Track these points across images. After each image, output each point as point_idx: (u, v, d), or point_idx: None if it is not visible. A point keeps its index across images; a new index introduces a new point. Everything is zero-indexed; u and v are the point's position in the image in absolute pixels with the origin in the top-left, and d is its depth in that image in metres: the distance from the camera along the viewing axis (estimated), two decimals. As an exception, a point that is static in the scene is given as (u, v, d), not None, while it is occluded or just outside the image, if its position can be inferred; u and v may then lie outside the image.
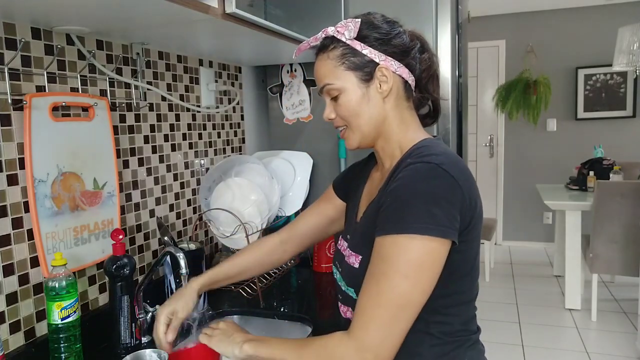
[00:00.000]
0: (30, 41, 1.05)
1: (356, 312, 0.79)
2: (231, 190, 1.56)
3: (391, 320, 0.76)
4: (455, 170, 0.79)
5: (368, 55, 0.87)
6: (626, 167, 3.89)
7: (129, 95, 1.34)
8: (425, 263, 0.76)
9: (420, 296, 0.77)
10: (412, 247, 0.76)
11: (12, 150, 1.01)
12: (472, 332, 0.90)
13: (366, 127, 0.91)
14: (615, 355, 2.94)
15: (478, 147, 5.41)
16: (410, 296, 0.76)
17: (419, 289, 0.76)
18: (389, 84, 0.88)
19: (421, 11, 1.65)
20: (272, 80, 1.98)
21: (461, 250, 0.81)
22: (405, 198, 0.78)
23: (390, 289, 0.76)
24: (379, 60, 0.88)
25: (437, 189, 0.77)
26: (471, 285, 0.88)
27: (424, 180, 0.78)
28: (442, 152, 0.84)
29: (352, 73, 0.89)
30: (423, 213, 0.76)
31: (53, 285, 0.99)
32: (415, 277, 0.76)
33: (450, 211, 0.77)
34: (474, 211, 0.82)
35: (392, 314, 0.76)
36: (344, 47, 0.88)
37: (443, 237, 0.76)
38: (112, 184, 1.24)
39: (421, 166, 0.80)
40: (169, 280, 1.37)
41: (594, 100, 4.94)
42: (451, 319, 0.86)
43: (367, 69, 0.88)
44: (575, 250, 3.56)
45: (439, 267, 0.78)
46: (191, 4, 0.94)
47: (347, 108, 0.90)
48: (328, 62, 0.90)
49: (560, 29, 4.99)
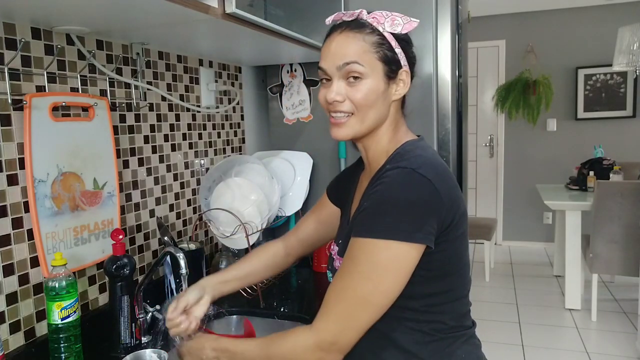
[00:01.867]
0: (30, 41, 1.05)
1: (321, 305, 0.84)
2: (231, 190, 1.56)
3: (349, 316, 0.81)
4: (431, 173, 0.80)
5: (398, 55, 0.87)
6: (626, 167, 3.88)
7: (129, 95, 1.34)
8: (389, 267, 0.79)
9: (381, 298, 0.80)
10: (377, 250, 0.78)
11: (12, 150, 1.01)
12: (467, 328, 0.91)
13: (371, 120, 0.89)
14: (615, 355, 2.94)
15: (478, 147, 5.41)
16: (370, 296, 0.80)
17: (379, 290, 0.80)
18: (405, 89, 0.90)
19: (421, 11, 1.65)
20: (272, 80, 1.98)
21: (443, 249, 0.82)
22: (379, 203, 0.80)
23: (352, 288, 0.80)
24: (403, 63, 0.88)
25: (410, 194, 0.79)
26: (460, 283, 0.89)
27: (398, 186, 0.80)
28: (420, 154, 0.85)
29: (382, 65, 0.86)
30: (393, 218, 0.78)
31: (53, 285, 0.99)
32: (377, 279, 0.79)
33: (422, 216, 0.78)
34: (456, 211, 0.83)
35: (351, 310, 0.81)
36: (380, 37, 0.86)
37: (411, 241, 0.78)
38: (112, 184, 1.24)
39: (397, 172, 0.81)
40: (169, 280, 1.37)
41: (594, 100, 4.94)
42: (443, 317, 0.87)
43: (394, 67, 0.88)
44: (575, 250, 3.56)
45: (405, 271, 0.80)
46: (191, 4, 0.94)
47: (366, 96, 0.86)
48: (362, 43, 0.85)
49: (560, 29, 4.99)
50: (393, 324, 0.86)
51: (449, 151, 1.75)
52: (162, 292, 1.38)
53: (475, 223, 4.32)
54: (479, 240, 4.26)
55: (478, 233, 4.17)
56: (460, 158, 2.02)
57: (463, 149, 2.09)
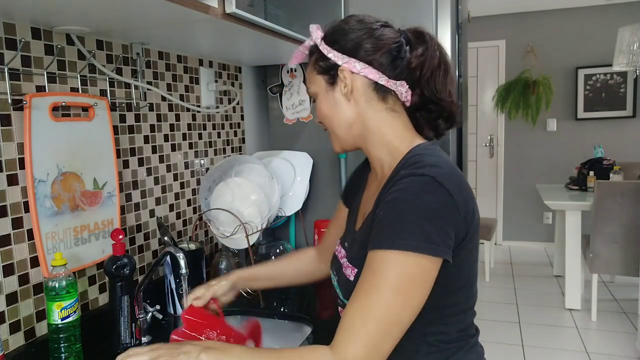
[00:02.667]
0: (30, 41, 1.05)
1: (342, 325, 0.75)
2: (231, 190, 1.56)
3: (380, 338, 0.73)
4: (450, 183, 0.77)
5: (332, 59, 0.88)
6: (626, 167, 3.88)
7: (129, 95, 1.34)
8: (416, 280, 0.75)
9: (411, 314, 0.76)
10: (404, 263, 0.74)
11: (12, 150, 1.01)
12: (470, 336, 0.90)
13: (340, 130, 0.91)
14: (615, 355, 2.94)
15: (478, 147, 5.41)
16: (402, 314, 0.74)
17: (409, 306, 0.75)
18: (348, 85, 0.88)
19: (421, 11, 1.65)
20: (272, 80, 1.98)
21: (457, 264, 0.79)
22: (399, 212, 0.76)
23: (381, 305, 0.73)
24: (341, 62, 0.87)
25: (431, 205, 0.75)
26: (468, 296, 0.87)
27: (418, 195, 0.76)
28: (436, 162, 0.81)
29: (321, 77, 0.91)
30: (416, 229, 0.74)
31: (53, 285, 0.99)
32: (407, 293, 0.74)
33: (443, 228, 0.75)
34: (471, 223, 0.80)
35: (382, 331, 0.73)
36: (317, 53, 0.91)
37: (434, 255, 0.75)
38: (112, 184, 1.24)
39: (416, 179, 0.78)
40: (169, 280, 1.37)
41: (594, 100, 4.94)
42: (448, 328, 0.85)
43: (332, 72, 0.89)
44: (575, 250, 3.56)
45: (429, 285, 0.76)
46: (191, 4, 0.94)
47: (320, 111, 0.93)
48: (308, 68, 0.94)
49: (560, 29, 4.99)
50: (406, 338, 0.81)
51: (449, 151, 1.75)
52: (162, 292, 1.38)
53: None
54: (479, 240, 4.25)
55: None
56: (460, 158, 2.02)
57: (463, 149, 2.09)
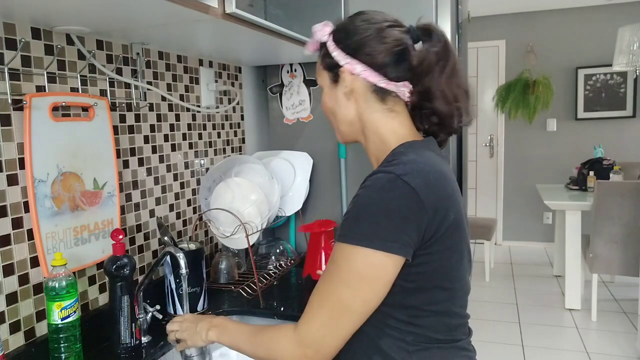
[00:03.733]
0: (30, 41, 1.05)
1: (307, 305, 0.83)
2: (231, 190, 1.56)
3: (331, 322, 0.80)
4: (417, 181, 0.77)
5: (336, 57, 0.90)
6: (626, 167, 3.89)
7: (129, 95, 1.34)
8: (367, 275, 0.77)
9: (362, 306, 0.79)
10: (355, 257, 0.77)
11: (12, 150, 1.01)
12: (457, 340, 0.88)
13: (341, 124, 0.95)
14: (615, 355, 2.94)
15: (478, 147, 5.41)
16: (350, 304, 0.79)
17: (359, 298, 0.79)
18: (348, 86, 0.90)
19: (421, 11, 1.65)
20: (272, 80, 1.98)
21: (424, 262, 0.79)
22: (359, 208, 0.79)
23: (333, 294, 0.80)
24: (342, 62, 0.89)
25: (390, 202, 0.76)
26: (447, 298, 0.85)
27: (379, 192, 0.78)
28: (412, 160, 0.81)
29: (326, 73, 0.94)
30: (370, 225, 0.77)
31: (53, 285, 0.99)
32: (356, 286, 0.78)
33: (401, 226, 0.76)
34: (442, 222, 0.79)
35: (333, 317, 0.80)
36: (325, 48, 0.93)
37: (387, 251, 0.76)
38: (112, 184, 1.24)
39: (381, 176, 0.79)
40: (169, 280, 1.37)
41: (594, 100, 4.94)
42: (426, 330, 0.84)
43: (335, 70, 0.91)
44: (575, 250, 3.56)
45: (383, 280, 0.78)
46: (191, 4, 0.94)
47: (324, 105, 0.97)
48: (318, 60, 0.96)
49: (560, 29, 4.99)
50: (379, 330, 0.84)
51: (449, 151, 1.75)
52: (162, 292, 1.38)
53: (475, 223, 4.33)
54: (479, 240, 4.26)
55: (478, 233, 4.17)
56: (460, 158, 2.02)
57: (463, 149, 2.09)
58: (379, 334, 0.85)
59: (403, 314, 0.83)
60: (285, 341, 0.83)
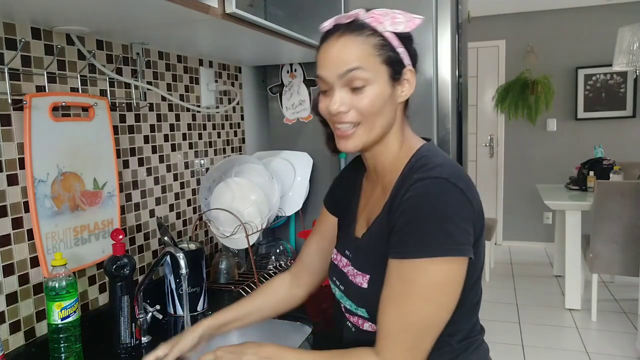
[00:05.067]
0: (30, 41, 1.05)
1: (381, 333, 0.78)
2: (231, 190, 1.56)
3: (420, 341, 0.77)
4: (461, 182, 0.78)
5: (401, 55, 0.82)
6: (626, 167, 3.88)
7: (129, 95, 1.34)
8: (446, 284, 0.76)
9: (445, 315, 0.78)
10: (433, 270, 0.75)
11: (12, 150, 1.01)
12: (478, 334, 0.90)
13: (379, 128, 0.83)
14: (615, 355, 2.94)
15: (478, 147, 5.41)
16: (434, 318, 0.77)
17: (442, 309, 0.77)
18: (411, 89, 0.84)
19: (421, 11, 1.65)
20: (272, 80, 1.98)
21: (472, 261, 0.80)
22: (420, 218, 0.75)
23: (414, 312, 0.76)
24: (407, 62, 0.83)
25: (449, 207, 0.75)
26: (476, 292, 0.87)
27: (435, 198, 0.76)
28: (443, 162, 0.81)
29: (386, 68, 0.80)
30: (440, 234, 0.74)
31: (53, 285, 0.99)
32: (438, 299, 0.76)
33: (464, 227, 0.76)
34: (482, 220, 0.81)
35: (417, 337, 0.77)
36: (381, 38, 0.80)
37: (462, 255, 0.76)
38: (112, 184, 1.24)
39: (430, 182, 0.77)
40: (169, 280, 1.37)
41: (594, 100, 4.94)
42: (460, 327, 0.85)
43: (398, 68, 0.82)
44: (575, 250, 3.56)
45: (460, 285, 0.78)
46: (191, 4, 0.94)
47: (373, 103, 0.80)
48: (364, 47, 0.79)
49: (560, 29, 4.99)
50: None
51: (449, 151, 1.75)
52: (162, 292, 1.38)
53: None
54: (479, 240, 4.26)
55: (478, 233, 4.16)
56: (460, 158, 2.02)
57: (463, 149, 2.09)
58: None
59: None
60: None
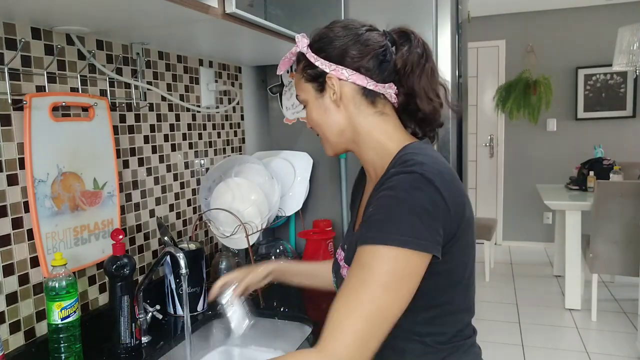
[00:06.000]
0: (30, 41, 1.05)
1: (329, 322, 0.74)
2: (231, 190, 1.56)
3: (369, 334, 0.73)
4: (439, 180, 0.78)
5: (320, 67, 0.89)
6: (626, 167, 3.88)
7: (129, 95, 1.34)
8: (405, 276, 0.75)
9: (399, 309, 0.76)
10: (392, 258, 0.74)
11: (12, 150, 1.01)
12: (467, 337, 0.90)
13: (330, 135, 0.93)
14: (615, 355, 2.94)
15: (478, 147, 5.41)
16: (389, 309, 0.74)
17: (398, 301, 0.75)
18: (337, 92, 0.89)
19: (421, 11, 1.65)
20: (272, 80, 1.98)
21: (447, 261, 0.80)
22: (388, 208, 0.77)
23: (369, 300, 0.73)
24: (328, 70, 0.88)
25: (419, 201, 0.76)
26: (464, 294, 0.87)
27: (406, 191, 0.77)
28: (426, 159, 0.81)
29: (310, 85, 0.92)
30: (404, 225, 0.75)
31: (53, 285, 0.99)
32: (395, 289, 0.74)
33: (431, 224, 0.76)
34: (461, 220, 0.80)
35: (371, 327, 0.73)
36: (304, 60, 0.92)
37: (423, 250, 0.75)
38: (112, 184, 1.24)
39: (404, 177, 0.78)
40: (169, 280, 1.37)
41: (594, 100, 4.94)
42: (444, 329, 0.86)
43: (321, 79, 0.90)
44: (575, 250, 3.56)
45: (417, 280, 0.77)
46: (191, 4, 0.94)
47: (311, 118, 0.94)
48: (296, 75, 0.95)
49: (560, 29, 4.99)
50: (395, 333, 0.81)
51: (449, 151, 1.75)
52: (162, 292, 1.38)
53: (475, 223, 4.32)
54: (479, 240, 4.26)
55: (478, 233, 4.17)
56: (460, 158, 2.02)
57: (463, 149, 2.09)
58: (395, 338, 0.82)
59: (424, 315, 0.83)
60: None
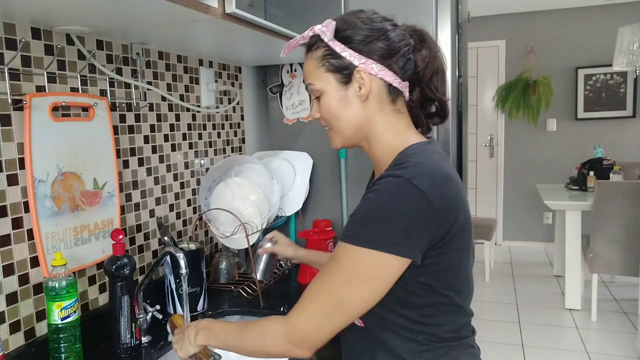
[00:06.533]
0: (30, 41, 1.05)
1: (300, 299, 0.85)
2: (231, 190, 1.56)
3: (323, 316, 0.81)
4: (426, 184, 0.78)
5: (347, 58, 0.86)
6: (626, 167, 3.88)
7: (129, 95, 1.34)
8: (369, 275, 0.79)
9: (358, 304, 0.81)
10: (359, 258, 0.78)
11: (12, 150, 1.01)
12: (464, 337, 0.90)
13: (346, 129, 0.91)
14: (615, 355, 2.94)
15: (478, 147, 5.41)
16: (346, 301, 0.80)
17: (357, 297, 0.80)
18: (366, 87, 0.87)
19: (421, 11, 1.65)
20: (272, 80, 1.98)
21: (437, 262, 0.81)
22: (367, 210, 0.79)
23: (330, 290, 0.81)
24: (357, 62, 0.86)
25: (399, 206, 0.77)
26: (457, 295, 0.86)
27: (388, 196, 0.78)
28: (420, 162, 0.82)
29: (332, 75, 0.88)
30: (378, 228, 0.77)
31: (53, 285, 0.99)
32: (356, 285, 0.79)
33: (408, 228, 0.76)
34: (453, 223, 0.80)
35: (327, 312, 0.81)
36: (325, 48, 0.88)
37: (394, 253, 0.77)
38: (112, 184, 1.24)
39: (391, 180, 0.79)
40: (169, 280, 1.37)
41: (594, 100, 4.94)
42: (438, 329, 0.86)
43: (346, 71, 0.87)
44: (575, 250, 3.56)
45: (385, 280, 0.79)
46: (191, 4, 0.94)
47: (327, 110, 0.91)
48: (311, 63, 0.90)
49: (560, 29, 4.99)
50: (389, 330, 0.85)
51: (449, 151, 1.75)
52: (162, 292, 1.38)
53: (475, 223, 4.32)
54: (479, 240, 4.26)
55: (478, 233, 4.17)
56: (460, 158, 2.02)
57: (463, 149, 2.09)
58: (389, 334, 0.85)
59: (415, 313, 0.84)
60: (273, 333, 0.85)
